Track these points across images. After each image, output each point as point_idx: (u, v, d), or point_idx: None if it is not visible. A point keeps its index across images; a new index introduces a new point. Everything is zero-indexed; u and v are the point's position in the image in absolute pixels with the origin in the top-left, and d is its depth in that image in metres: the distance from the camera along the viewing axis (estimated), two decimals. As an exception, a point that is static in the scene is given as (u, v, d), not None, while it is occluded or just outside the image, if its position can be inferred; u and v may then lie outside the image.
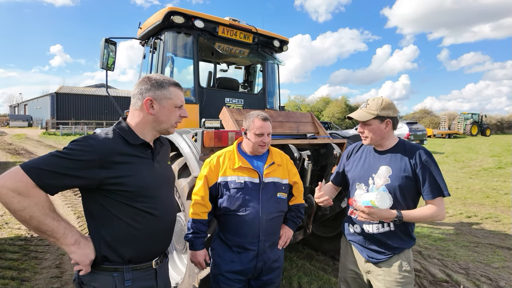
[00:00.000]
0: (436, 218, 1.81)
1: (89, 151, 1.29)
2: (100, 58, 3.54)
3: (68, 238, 1.29)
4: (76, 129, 29.10)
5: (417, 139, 16.29)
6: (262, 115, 2.02)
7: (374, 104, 1.87)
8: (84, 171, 1.27)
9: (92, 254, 1.34)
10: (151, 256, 1.47)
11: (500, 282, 3.50)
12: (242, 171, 1.97)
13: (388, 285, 1.85)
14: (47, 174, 1.22)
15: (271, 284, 2.05)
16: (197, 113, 3.59)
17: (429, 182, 1.79)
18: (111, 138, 1.38)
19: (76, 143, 1.31)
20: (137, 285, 1.40)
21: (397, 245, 1.86)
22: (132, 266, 1.40)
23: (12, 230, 4.81)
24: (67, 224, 1.31)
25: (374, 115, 1.85)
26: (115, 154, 1.34)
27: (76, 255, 1.31)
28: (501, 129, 40.24)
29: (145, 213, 1.41)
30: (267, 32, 4.13)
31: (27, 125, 39.78)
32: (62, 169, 1.24)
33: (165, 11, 3.44)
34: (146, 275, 1.45)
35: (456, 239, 4.90)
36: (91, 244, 1.36)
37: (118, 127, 1.44)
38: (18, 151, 15.66)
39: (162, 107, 1.45)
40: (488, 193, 7.96)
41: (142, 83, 1.46)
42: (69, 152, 1.27)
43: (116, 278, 1.35)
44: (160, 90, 1.45)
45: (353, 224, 1.99)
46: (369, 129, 1.89)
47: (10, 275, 3.42)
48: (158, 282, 1.49)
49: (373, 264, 1.91)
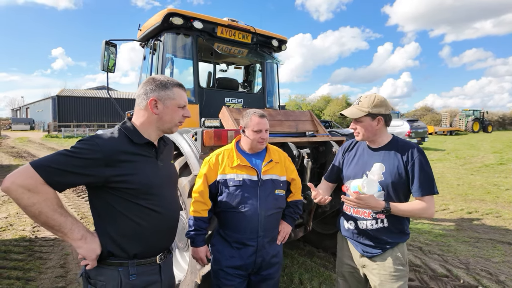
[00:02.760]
0: (424, 215, 1.82)
1: (95, 150, 1.34)
2: (101, 60, 3.58)
3: (75, 233, 1.34)
4: (78, 131, 29.21)
5: (418, 137, 16.28)
6: (259, 112, 2.06)
7: (366, 102, 1.90)
8: (91, 169, 1.32)
9: (98, 249, 1.39)
10: (155, 252, 1.52)
11: (500, 277, 3.52)
12: (241, 169, 2.01)
13: (383, 279, 1.89)
14: (56, 171, 1.27)
15: (270, 279, 2.08)
16: (197, 113, 3.63)
17: (419, 180, 1.82)
18: (116, 138, 1.43)
19: (83, 142, 1.36)
20: (142, 279, 1.45)
21: (391, 240, 1.89)
22: (137, 261, 1.44)
23: (16, 231, 4.87)
24: (74, 220, 1.36)
25: (365, 112, 1.88)
26: (120, 153, 1.39)
27: (82, 249, 1.35)
28: (503, 125, 40.12)
29: (149, 210, 1.46)
30: (266, 31, 4.16)
31: (29, 128, 39.94)
32: (70, 167, 1.29)
33: (164, 12, 3.48)
34: (151, 270, 1.49)
35: (457, 234, 4.93)
36: (97, 239, 1.41)
37: (123, 127, 1.49)
38: (21, 154, 15.75)
39: (166, 107, 1.50)
40: (489, 189, 7.96)
41: (147, 84, 1.51)
42: (77, 151, 1.32)
43: (122, 272, 1.40)
44: (164, 90, 1.50)
45: (348, 220, 2.03)
46: (361, 126, 1.93)
47: (16, 275, 3.47)
48: (162, 277, 1.54)
49: (368, 258, 1.95)
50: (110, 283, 1.39)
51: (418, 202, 1.83)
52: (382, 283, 1.89)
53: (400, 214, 1.84)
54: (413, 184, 1.84)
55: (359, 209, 1.93)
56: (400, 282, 1.88)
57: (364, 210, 1.91)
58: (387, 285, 1.87)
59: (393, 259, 1.89)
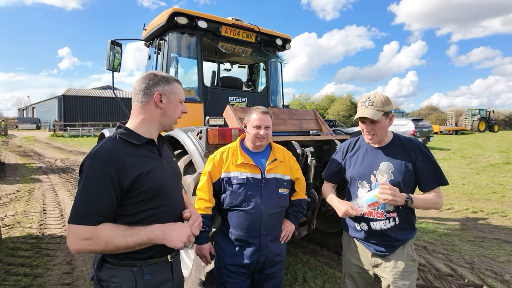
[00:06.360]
0: (437, 205, 1.87)
1: (101, 165, 1.30)
2: (106, 59, 3.62)
3: (157, 238, 1.36)
4: (83, 130, 29.46)
5: (423, 136, 16.17)
6: (262, 109, 2.06)
7: (379, 101, 1.85)
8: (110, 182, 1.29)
9: (183, 229, 1.43)
10: (166, 251, 1.50)
11: (505, 276, 3.50)
12: (245, 167, 2.02)
13: (396, 276, 1.89)
14: (92, 210, 1.27)
15: (274, 278, 2.09)
16: (201, 112, 3.66)
17: (431, 173, 1.86)
18: (115, 146, 1.38)
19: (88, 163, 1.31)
20: (155, 278, 1.44)
21: (403, 237, 1.90)
22: (150, 261, 1.43)
23: (24, 229, 4.93)
24: (146, 229, 1.34)
25: (382, 112, 1.85)
26: (124, 160, 1.34)
27: (171, 242, 1.37)
28: (509, 124, 39.64)
29: (160, 210, 1.44)
30: (270, 30, 4.18)
31: (36, 128, 40.35)
32: (97, 194, 1.28)
33: (169, 12, 3.50)
34: (163, 269, 1.49)
35: (462, 234, 4.90)
36: (176, 224, 1.43)
37: (119, 132, 1.44)
38: (27, 153, 15.93)
39: (170, 102, 1.49)
40: (495, 189, 7.90)
41: (147, 79, 1.47)
42: (88, 179, 1.29)
43: (136, 272, 1.39)
44: (167, 85, 1.48)
45: (359, 222, 2.00)
46: (377, 127, 1.87)
47: (23, 271, 3.53)
48: (174, 274, 1.54)
49: (380, 257, 1.95)
50: (125, 284, 1.37)
51: (432, 193, 1.87)
52: (396, 280, 1.89)
53: (417, 206, 1.83)
54: (425, 179, 1.86)
55: (371, 210, 1.91)
56: (412, 277, 1.90)
57: (376, 211, 1.91)
58: (400, 281, 1.88)
59: (405, 255, 1.91)
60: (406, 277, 1.88)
